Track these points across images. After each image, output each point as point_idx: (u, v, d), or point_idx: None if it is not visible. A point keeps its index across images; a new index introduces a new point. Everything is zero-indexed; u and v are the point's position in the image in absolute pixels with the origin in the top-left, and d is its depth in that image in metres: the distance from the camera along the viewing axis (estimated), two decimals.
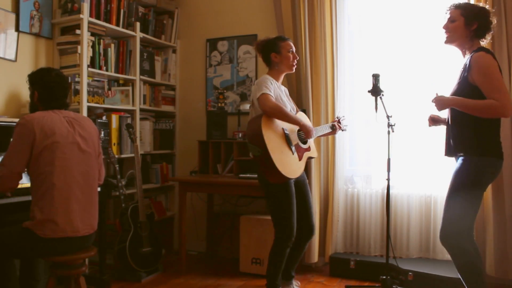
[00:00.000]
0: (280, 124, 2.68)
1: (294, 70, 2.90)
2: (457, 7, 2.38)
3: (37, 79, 2.35)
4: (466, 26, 2.34)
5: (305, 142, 2.84)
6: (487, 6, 2.47)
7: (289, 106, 2.84)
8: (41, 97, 2.32)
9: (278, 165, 2.53)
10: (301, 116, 2.91)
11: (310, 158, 2.94)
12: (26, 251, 2.24)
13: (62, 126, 2.25)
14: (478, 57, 2.25)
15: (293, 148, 2.70)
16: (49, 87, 2.32)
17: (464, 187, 2.27)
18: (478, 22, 2.32)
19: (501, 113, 2.19)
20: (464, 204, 2.26)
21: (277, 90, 2.77)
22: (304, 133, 2.77)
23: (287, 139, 2.68)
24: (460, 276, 2.30)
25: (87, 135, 2.35)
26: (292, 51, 2.83)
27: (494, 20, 2.39)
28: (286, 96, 2.91)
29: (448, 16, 2.40)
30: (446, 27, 2.41)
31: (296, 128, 2.79)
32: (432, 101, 2.41)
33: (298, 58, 2.89)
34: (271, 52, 2.82)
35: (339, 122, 3.15)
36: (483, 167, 2.26)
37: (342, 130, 3.20)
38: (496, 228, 3.09)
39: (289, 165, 2.63)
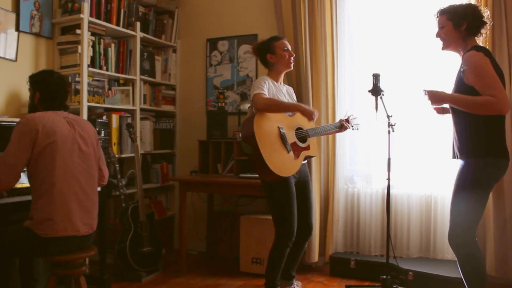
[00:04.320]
0: (276, 122, 2.66)
1: (292, 68, 2.90)
2: (442, 13, 2.39)
3: (39, 80, 2.38)
4: (456, 29, 2.33)
5: (304, 141, 2.80)
6: (473, 1, 2.42)
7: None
8: (42, 98, 2.34)
9: (269, 163, 2.52)
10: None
11: (309, 157, 2.90)
12: (27, 250, 2.24)
13: (63, 126, 2.27)
14: (468, 57, 2.24)
15: (289, 147, 2.67)
16: (51, 89, 2.35)
17: (465, 189, 2.26)
18: (467, 21, 2.31)
19: (499, 109, 2.15)
20: (467, 207, 2.24)
21: (272, 89, 2.75)
22: (306, 117, 2.74)
23: (282, 137, 2.66)
24: (463, 279, 2.28)
25: (87, 135, 2.38)
26: (287, 49, 2.83)
27: (486, 12, 2.34)
28: (287, 95, 2.90)
29: (437, 24, 2.42)
30: (438, 35, 2.43)
31: (295, 127, 2.78)
32: (425, 94, 2.38)
33: (294, 55, 2.89)
34: (266, 53, 2.83)
35: (347, 121, 3.10)
36: (483, 168, 2.23)
37: (353, 129, 3.16)
38: (497, 227, 3.09)
39: (283, 164, 2.60)
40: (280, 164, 2.58)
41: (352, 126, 3.13)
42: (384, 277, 2.90)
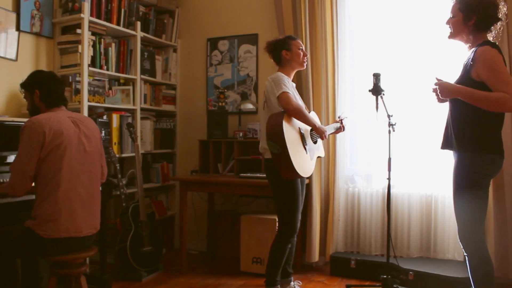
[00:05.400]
0: (297, 123, 2.73)
1: (304, 67, 2.96)
2: (457, 1, 2.32)
3: (32, 79, 2.41)
4: (464, 21, 2.27)
5: (315, 142, 2.90)
6: None
7: (301, 104, 2.89)
8: (42, 94, 2.35)
9: (295, 164, 2.58)
10: (314, 117, 2.97)
11: (318, 157, 3.00)
12: (27, 250, 2.24)
13: (69, 127, 2.28)
14: (483, 51, 2.18)
15: (307, 148, 2.76)
16: (47, 83, 2.37)
17: (465, 189, 2.23)
18: (476, 16, 2.24)
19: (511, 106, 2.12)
20: (472, 209, 2.22)
21: (292, 89, 2.82)
22: (318, 135, 2.84)
23: (302, 138, 2.74)
24: (472, 281, 2.24)
25: (91, 134, 2.39)
26: (302, 49, 2.91)
27: (502, 9, 2.27)
28: (296, 93, 2.95)
29: (450, 10, 2.37)
30: (447, 22, 2.38)
31: (309, 127, 2.84)
32: (436, 85, 2.32)
33: (307, 55, 2.93)
34: (281, 49, 2.87)
35: (341, 122, 3.16)
36: (480, 165, 2.20)
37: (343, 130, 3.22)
38: (497, 227, 3.09)
39: (304, 164, 2.69)
40: (303, 165, 2.67)
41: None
42: (385, 276, 2.90)
